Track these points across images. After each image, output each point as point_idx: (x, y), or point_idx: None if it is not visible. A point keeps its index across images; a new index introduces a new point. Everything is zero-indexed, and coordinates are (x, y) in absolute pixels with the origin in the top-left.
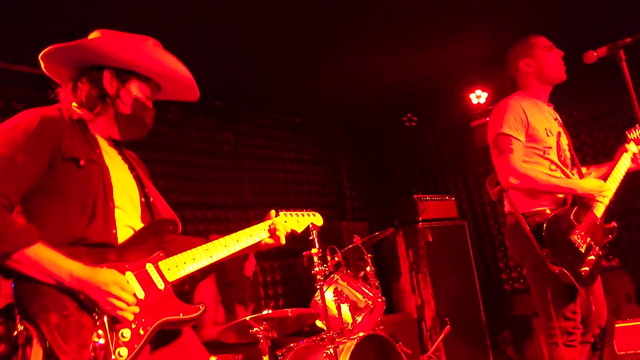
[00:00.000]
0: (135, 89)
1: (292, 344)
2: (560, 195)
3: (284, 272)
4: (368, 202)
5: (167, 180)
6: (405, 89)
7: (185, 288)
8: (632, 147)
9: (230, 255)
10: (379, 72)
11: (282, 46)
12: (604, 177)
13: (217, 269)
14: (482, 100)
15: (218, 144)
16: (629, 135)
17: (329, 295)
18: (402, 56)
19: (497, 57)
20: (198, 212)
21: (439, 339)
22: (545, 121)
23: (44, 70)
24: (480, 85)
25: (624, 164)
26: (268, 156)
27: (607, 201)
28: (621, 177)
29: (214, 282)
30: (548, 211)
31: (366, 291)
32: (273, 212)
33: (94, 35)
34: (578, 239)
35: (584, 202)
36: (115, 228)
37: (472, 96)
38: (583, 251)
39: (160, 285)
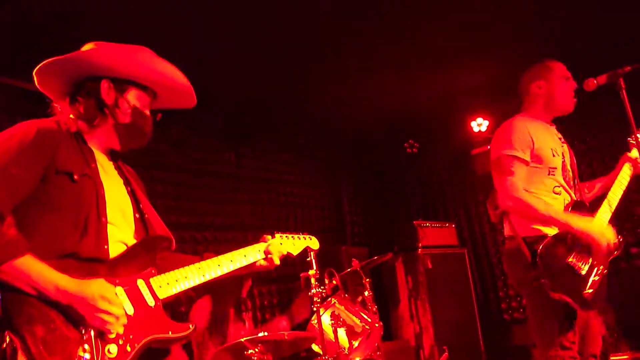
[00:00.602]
0: (133, 98)
1: None
2: None
3: (281, 296)
4: (368, 227)
5: (167, 200)
6: (407, 116)
7: (181, 309)
8: (634, 153)
9: (223, 275)
10: (381, 99)
11: (286, 69)
12: (606, 187)
13: (212, 290)
14: (484, 129)
15: (219, 164)
16: (630, 141)
17: (326, 319)
18: (404, 83)
19: (499, 85)
20: (197, 233)
21: None
22: (551, 141)
23: (37, 86)
24: (481, 114)
25: (626, 175)
26: (269, 178)
27: (608, 217)
28: (623, 190)
29: (210, 303)
30: (549, 235)
31: (364, 316)
32: (269, 236)
33: (87, 47)
34: (577, 261)
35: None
36: (107, 244)
37: (474, 124)
38: (584, 273)
39: (151, 302)
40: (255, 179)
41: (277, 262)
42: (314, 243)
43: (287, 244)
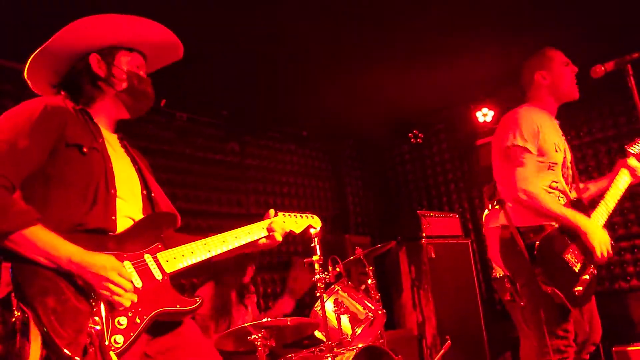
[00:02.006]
0: (124, 62)
1: (290, 355)
2: None
3: (284, 284)
4: (372, 217)
5: (172, 187)
6: (412, 106)
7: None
8: (632, 162)
9: (228, 251)
10: (386, 88)
11: (290, 59)
12: (603, 192)
13: (215, 276)
14: (489, 119)
15: (224, 153)
16: (629, 150)
17: (329, 305)
18: (409, 73)
19: (504, 75)
20: (202, 220)
21: (439, 355)
22: (555, 136)
23: (32, 89)
24: (487, 104)
25: (622, 181)
26: (273, 168)
27: (604, 219)
28: (620, 194)
29: (213, 290)
30: (545, 227)
31: (367, 303)
32: (272, 211)
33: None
34: (572, 258)
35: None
36: (115, 215)
37: (479, 114)
38: (577, 270)
39: (158, 275)
40: (259, 168)
41: (279, 239)
42: (316, 222)
43: (290, 222)
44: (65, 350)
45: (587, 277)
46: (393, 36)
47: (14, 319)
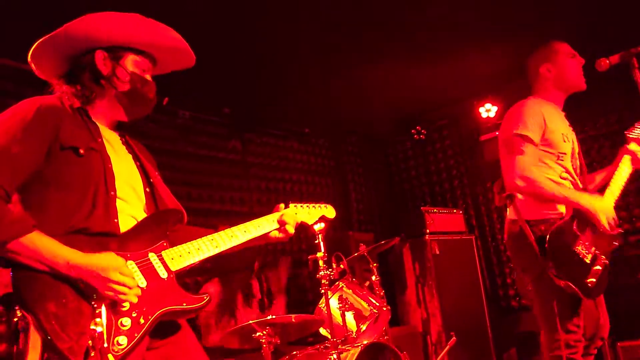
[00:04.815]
0: (130, 64)
1: (295, 352)
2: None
3: (288, 282)
4: (375, 213)
5: (175, 185)
6: (415, 102)
7: None
8: (633, 146)
9: (237, 246)
10: (388, 84)
11: (292, 56)
12: (606, 180)
13: (220, 273)
14: (492, 114)
15: (226, 151)
16: (628, 135)
17: (334, 302)
18: (412, 69)
19: (507, 71)
20: (204, 219)
21: (444, 352)
22: (563, 126)
23: (35, 71)
24: (490, 99)
25: (625, 168)
26: (275, 165)
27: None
28: (624, 181)
29: (218, 286)
30: (554, 220)
31: (371, 300)
32: (282, 205)
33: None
34: (583, 249)
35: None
36: (116, 217)
37: (482, 110)
38: (588, 262)
39: (163, 274)
40: (261, 165)
41: (291, 231)
42: (329, 211)
43: (302, 213)
44: (67, 355)
45: (598, 267)
46: (395, 32)
47: (16, 319)
